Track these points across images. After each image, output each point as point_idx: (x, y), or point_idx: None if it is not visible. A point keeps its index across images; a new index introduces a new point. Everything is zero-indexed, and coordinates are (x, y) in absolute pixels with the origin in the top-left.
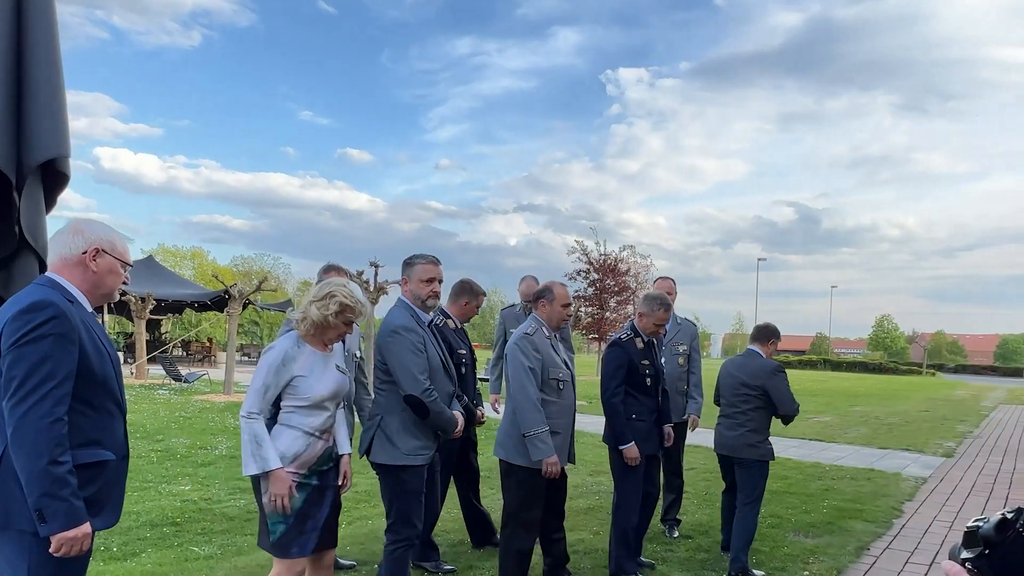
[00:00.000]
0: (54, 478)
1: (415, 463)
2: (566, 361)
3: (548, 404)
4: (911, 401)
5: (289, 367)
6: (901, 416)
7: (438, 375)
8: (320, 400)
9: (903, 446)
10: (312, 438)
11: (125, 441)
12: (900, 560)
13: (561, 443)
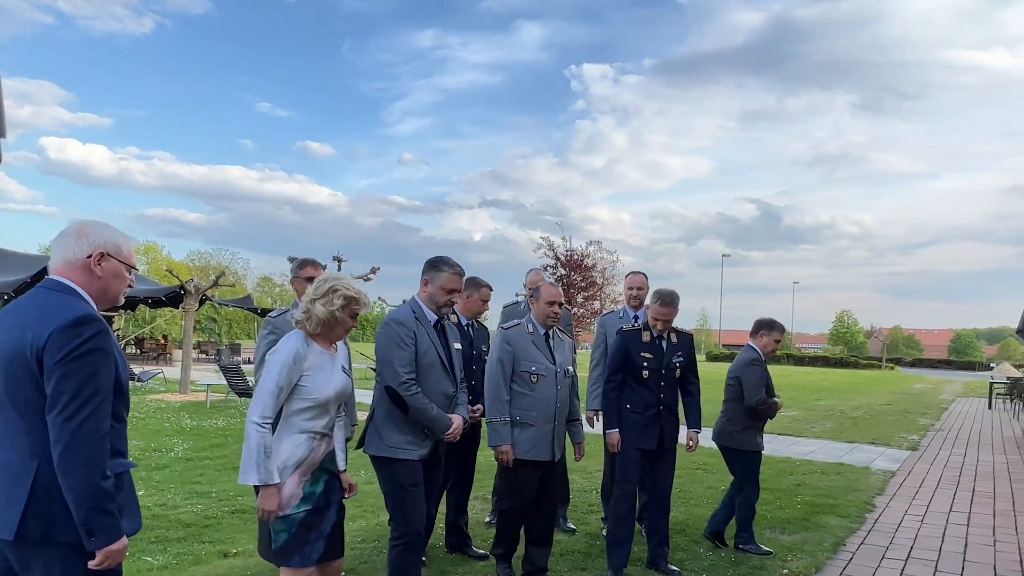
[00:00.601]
0: (104, 493)
1: (401, 456)
2: (553, 357)
3: (521, 397)
4: (873, 395)
5: (299, 366)
6: (865, 409)
7: (433, 372)
8: (326, 401)
9: (869, 440)
10: (315, 441)
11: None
12: (876, 556)
13: (535, 436)
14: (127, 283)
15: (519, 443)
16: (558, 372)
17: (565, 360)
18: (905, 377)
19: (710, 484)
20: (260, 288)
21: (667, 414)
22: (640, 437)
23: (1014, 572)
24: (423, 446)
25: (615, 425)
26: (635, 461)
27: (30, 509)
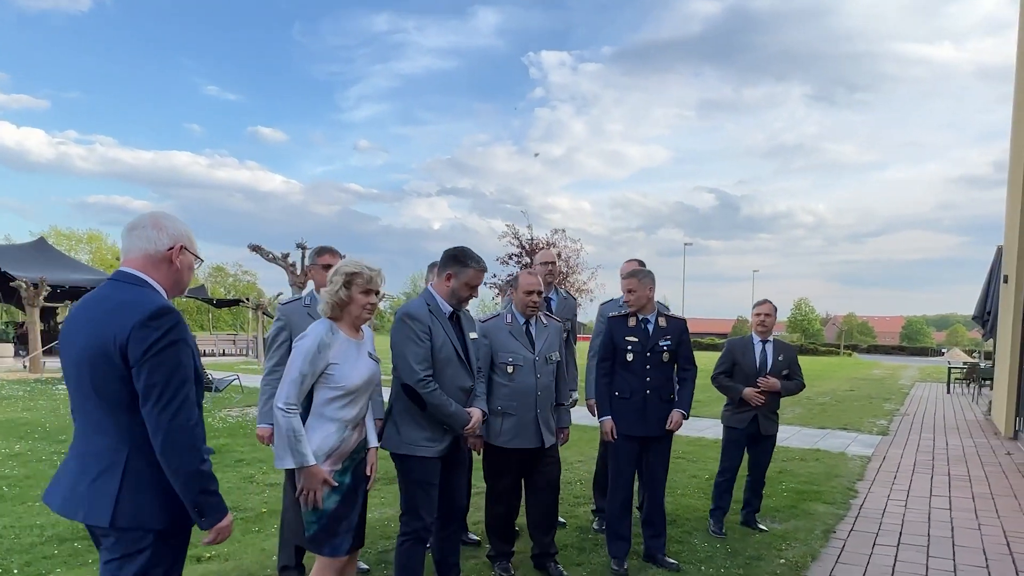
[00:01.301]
0: (206, 475)
1: (418, 453)
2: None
3: (500, 387)
4: (836, 381)
5: (324, 354)
6: (831, 395)
7: (450, 367)
8: (355, 389)
9: (840, 425)
10: (347, 430)
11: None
12: (868, 542)
13: (516, 425)
14: (192, 272)
15: (501, 432)
16: (537, 360)
17: (549, 347)
18: (863, 363)
19: (693, 473)
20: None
21: (655, 399)
22: (629, 423)
23: (1003, 555)
24: (442, 442)
25: (608, 412)
26: (627, 450)
27: (123, 497)
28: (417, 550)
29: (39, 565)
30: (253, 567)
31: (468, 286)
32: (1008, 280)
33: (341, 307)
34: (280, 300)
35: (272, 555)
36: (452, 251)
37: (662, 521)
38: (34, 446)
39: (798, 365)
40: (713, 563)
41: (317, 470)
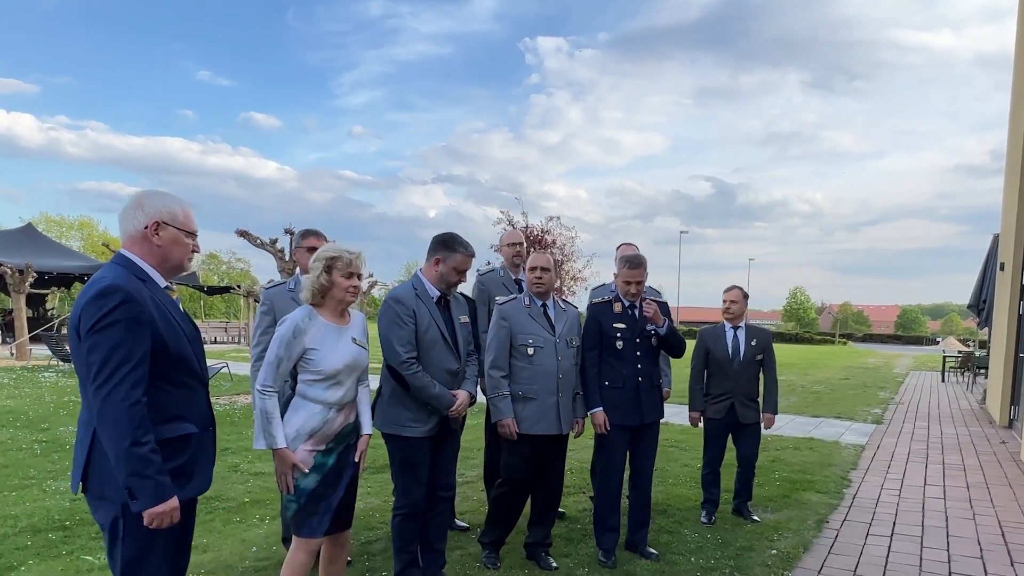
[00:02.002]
0: (138, 458)
1: (404, 434)
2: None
3: (520, 371)
4: (830, 369)
5: (300, 339)
6: (825, 384)
7: (435, 349)
8: (334, 373)
9: (835, 414)
10: (330, 413)
11: (209, 412)
12: (861, 532)
13: (539, 410)
14: (190, 249)
15: (522, 418)
16: (558, 343)
17: (569, 330)
18: (858, 352)
19: (686, 462)
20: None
21: (647, 386)
22: (622, 413)
23: (998, 545)
24: (428, 423)
25: (599, 403)
26: (619, 441)
27: (90, 469)
28: (408, 524)
29: (11, 556)
30: (231, 558)
31: (456, 271)
32: (1004, 268)
33: (323, 292)
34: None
35: (252, 546)
36: (441, 236)
37: (646, 512)
38: (15, 434)
39: (772, 350)
40: (703, 554)
41: (286, 453)
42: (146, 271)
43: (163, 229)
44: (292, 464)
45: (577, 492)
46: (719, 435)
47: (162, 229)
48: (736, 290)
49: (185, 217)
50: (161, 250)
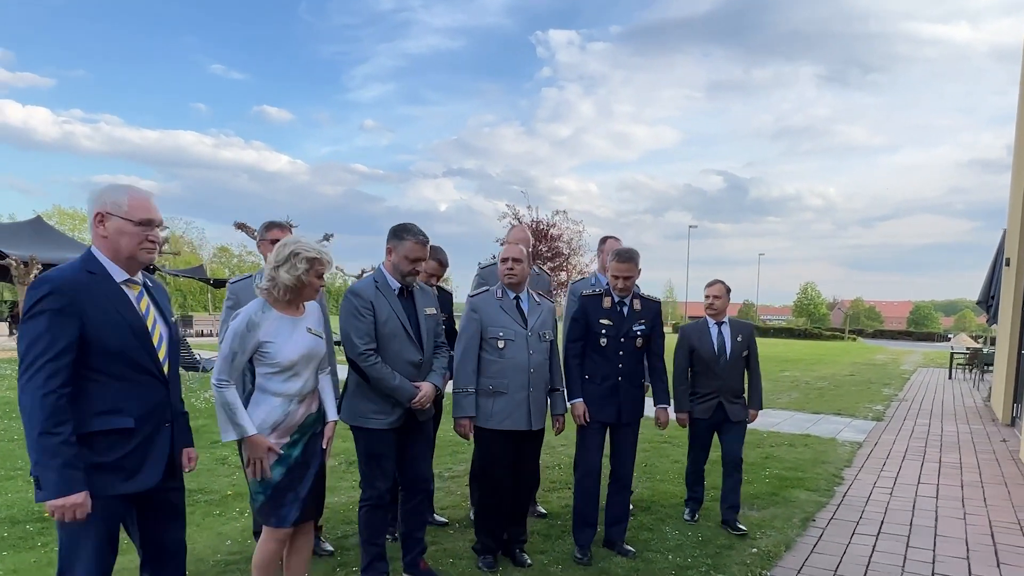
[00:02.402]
0: (44, 449)
1: (367, 425)
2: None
3: (490, 364)
4: (837, 366)
5: (254, 332)
6: (829, 380)
7: (395, 341)
8: (290, 364)
9: (835, 410)
10: (291, 405)
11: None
12: (847, 531)
13: (509, 405)
14: (140, 238)
15: (493, 413)
16: (529, 336)
17: (542, 324)
18: (867, 348)
19: (676, 458)
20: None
21: (627, 385)
22: (598, 409)
23: (985, 546)
24: (391, 415)
25: (579, 395)
26: (595, 435)
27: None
28: (375, 515)
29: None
30: (204, 552)
31: (408, 259)
32: (1010, 263)
33: (295, 291)
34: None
35: (227, 539)
36: (394, 226)
37: (624, 509)
38: (9, 425)
39: (755, 345)
40: (681, 551)
41: (259, 439)
42: (102, 264)
43: (108, 220)
44: (268, 447)
45: (563, 488)
46: (706, 434)
47: (107, 220)
48: (719, 284)
49: (132, 206)
50: (108, 241)
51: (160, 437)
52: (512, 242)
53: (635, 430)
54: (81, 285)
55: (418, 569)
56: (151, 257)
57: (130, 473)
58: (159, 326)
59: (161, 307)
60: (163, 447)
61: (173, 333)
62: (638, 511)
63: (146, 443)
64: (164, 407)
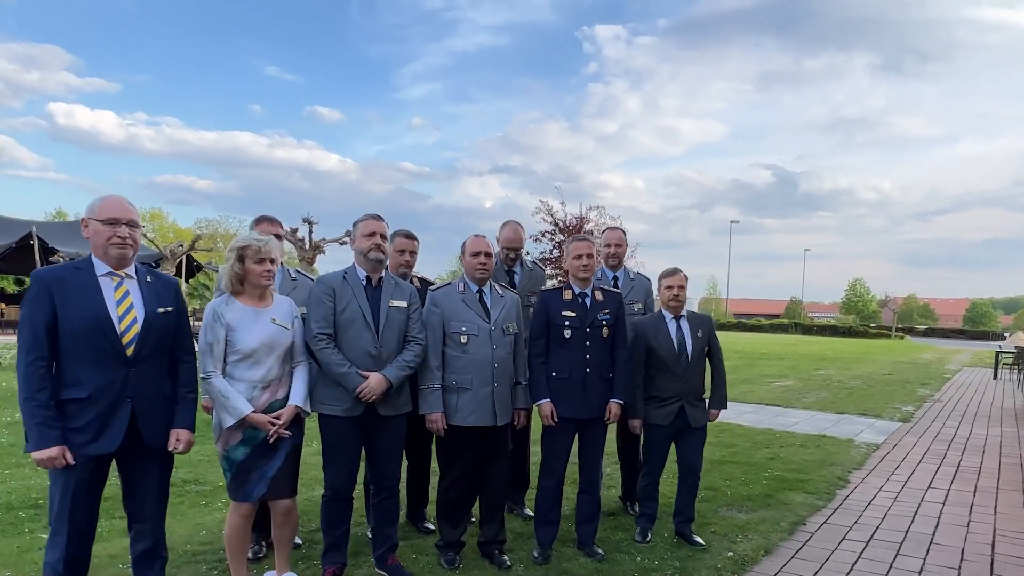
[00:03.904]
0: (26, 410)
1: (323, 411)
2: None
3: (454, 360)
4: (876, 364)
5: (219, 322)
6: (864, 379)
7: (352, 329)
8: (251, 352)
9: (861, 411)
10: (255, 391)
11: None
12: (836, 536)
13: (473, 400)
14: (109, 235)
15: (457, 409)
16: (493, 330)
17: (506, 317)
18: (914, 347)
19: None
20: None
21: (596, 378)
22: (568, 405)
23: (982, 556)
24: (346, 402)
25: (546, 395)
26: (564, 433)
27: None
28: (331, 507)
29: None
30: (177, 542)
31: (364, 236)
32: None
33: (240, 280)
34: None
35: (203, 530)
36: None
37: (593, 509)
38: None
39: (716, 338)
40: (651, 553)
41: (257, 417)
42: (89, 261)
43: (89, 223)
44: (267, 421)
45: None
46: (664, 442)
47: (89, 223)
48: (681, 274)
49: (101, 208)
50: (91, 241)
51: (120, 410)
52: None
53: (603, 427)
54: (58, 278)
55: (387, 565)
56: (122, 252)
57: (93, 437)
58: (134, 313)
59: (147, 299)
60: (122, 419)
61: (160, 321)
62: (618, 511)
63: (105, 414)
64: (124, 384)
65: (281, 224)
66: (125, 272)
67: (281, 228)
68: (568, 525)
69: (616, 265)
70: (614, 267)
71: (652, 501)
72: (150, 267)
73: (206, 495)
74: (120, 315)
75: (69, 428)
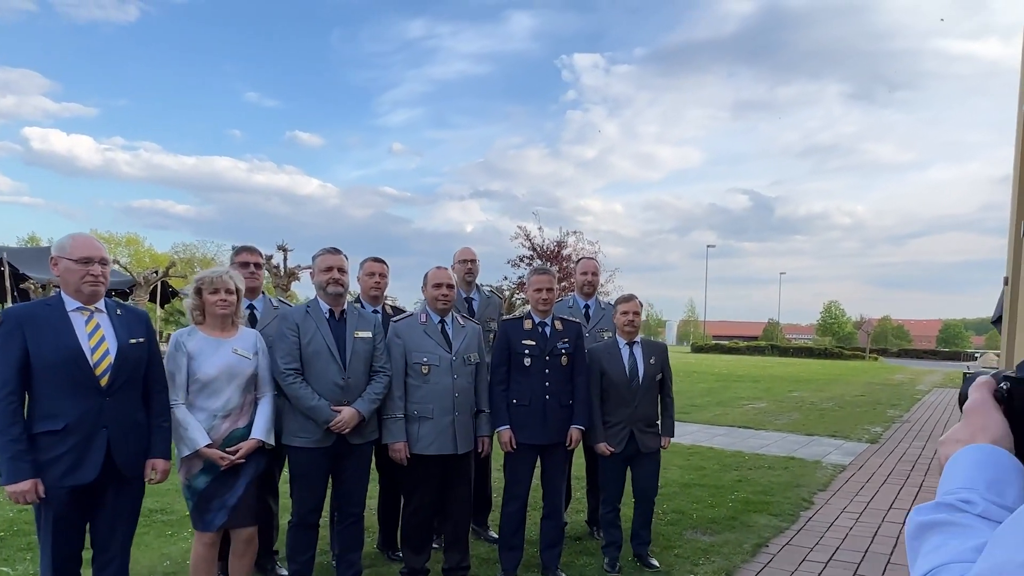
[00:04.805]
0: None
1: (292, 443)
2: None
3: (415, 390)
4: (850, 385)
5: (181, 351)
6: (836, 401)
7: (318, 362)
8: (209, 380)
9: (830, 432)
10: (215, 419)
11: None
12: (798, 557)
13: (434, 429)
14: (81, 273)
15: (418, 438)
16: (454, 360)
17: (467, 347)
18: (887, 367)
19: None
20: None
21: (555, 405)
22: (528, 432)
23: None
24: (315, 434)
25: (506, 422)
26: (525, 460)
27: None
28: (297, 534)
29: None
30: (140, 571)
31: (320, 271)
32: (1008, 282)
33: (201, 311)
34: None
35: (167, 560)
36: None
37: (558, 533)
38: None
39: (669, 367)
40: None
41: (209, 452)
42: (62, 298)
43: (59, 262)
44: (219, 457)
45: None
46: (618, 468)
47: (59, 262)
48: (637, 300)
49: (73, 247)
50: (62, 279)
51: (96, 440)
52: (460, 260)
53: (565, 453)
54: (29, 315)
55: None
56: (94, 289)
57: (70, 468)
58: (106, 345)
59: (118, 331)
60: (99, 449)
61: (133, 352)
62: (584, 535)
63: (81, 444)
64: (99, 414)
65: (261, 253)
66: (95, 306)
67: (261, 257)
68: (533, 550)
69: (590, 294)
70: (588, 295)
71: (614, 528)
72: (119, 300)
73: (172, 525)
74: (92, 347)
75: (46, 460)
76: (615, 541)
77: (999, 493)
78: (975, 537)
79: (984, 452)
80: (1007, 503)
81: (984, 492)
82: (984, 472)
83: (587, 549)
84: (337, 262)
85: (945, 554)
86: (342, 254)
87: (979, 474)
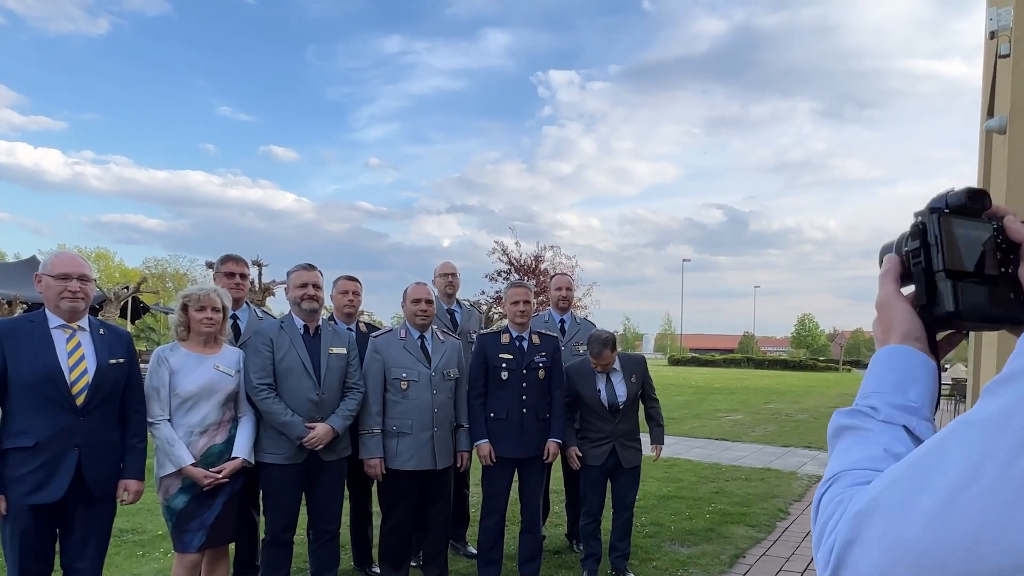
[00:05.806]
0: None
1: (264, 460)
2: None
3: (394, 405)
4: (824, 397)
5: (163, 366)
6: (811, 412)
7: (292, 377)
8: (189, 395)
9: (806, 443)
10: (193, 435)
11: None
12: (774, 567)
13: (413, 445)
14: (60, 289)
15: (397, 453)
16: (433, 376)
17: (447, 363)
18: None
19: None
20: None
21: (533, 419)
22: (505, 445)
23: None
24: (287, 451)
25: (484, 435)
26: (503, 473)
27: None
28: (270, 552)
29: None
30: None
31: (295, 287)
32: None
33: (186, 327)
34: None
35: None
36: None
37: (536, 548)
38: None
39: (650, 379)
40: None
41: (193, 471)
42: (43, 314)
43: (42, 279)
44: (203, 475)
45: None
46: (599, 481)
47: (42, 279)
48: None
49: (53, 264)
50: (44, 295)
51: (66, 459)
52: (441, 274)
53: (542, 466)
54: (10, 330)
55: None
56: (73, 305)
57: (36, 487)
58: (85, 364)
59: (99, 350)
60: (68, 468)
61: (112, 372)
62: (563, 551)
63: (50, 463)
64: (72, 434)
65: (247, 263)
66: (78, 324)
67: (247, 267)
68: (512, 564)
69: (565, 308)
70: (563, 310)
71: (595, 540)
72: (103, 320)
73: (143, 545)
74: (71, 366)
75: (12, 477)
76: (594, 553)
77: (903, 393)
78: (876, 445)
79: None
80: (909, 400)
81: (890, 395)
82: (891, 373)
83: (566, 563)
84: (312, 278)
85: (848, 460)
86: (317, 270)
87: (887, 375)
